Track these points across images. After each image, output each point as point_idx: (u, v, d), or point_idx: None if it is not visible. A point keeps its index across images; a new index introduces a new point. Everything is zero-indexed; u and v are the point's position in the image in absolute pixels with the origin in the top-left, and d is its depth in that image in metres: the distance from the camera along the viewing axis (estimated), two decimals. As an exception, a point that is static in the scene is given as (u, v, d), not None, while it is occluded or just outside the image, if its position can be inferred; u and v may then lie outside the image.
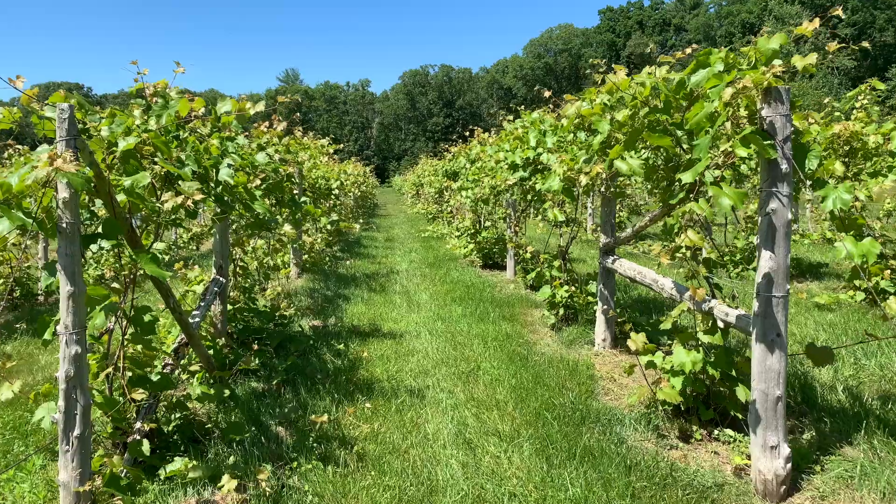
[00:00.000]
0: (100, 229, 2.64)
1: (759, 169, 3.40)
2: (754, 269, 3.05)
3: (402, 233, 16.81)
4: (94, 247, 2.61)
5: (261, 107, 3.56)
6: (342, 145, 9.30)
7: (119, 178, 2.66)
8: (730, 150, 2.72)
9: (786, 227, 2.76)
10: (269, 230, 3.88)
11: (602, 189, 4.94)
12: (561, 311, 5.64)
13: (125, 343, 3.05)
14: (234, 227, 5.19)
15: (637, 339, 3.60)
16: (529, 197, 6.79)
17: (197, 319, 4.29)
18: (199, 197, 2.77)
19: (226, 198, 3.68)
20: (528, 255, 7.71)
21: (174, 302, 3.70)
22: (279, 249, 6.66)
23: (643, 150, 3.89)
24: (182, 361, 4.18)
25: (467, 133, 10.45)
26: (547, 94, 5.00)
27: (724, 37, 72.31)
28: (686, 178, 2.76)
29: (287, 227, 4.07)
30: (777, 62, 2.83)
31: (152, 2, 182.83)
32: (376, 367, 4.75)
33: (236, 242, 5.25)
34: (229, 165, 3.66)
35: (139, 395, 3.05)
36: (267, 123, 5.15)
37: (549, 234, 7.80)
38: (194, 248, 13.51)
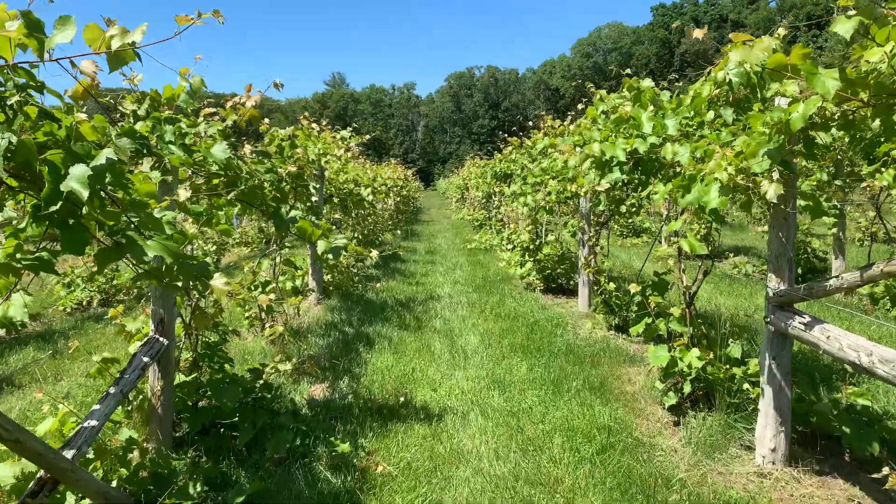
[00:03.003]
0: None
1: None
2: None
3: (445, 243, 14.95)
4: None
5: (138, 36, 1.73)
6: (367, 137, 7.50)
7: None
8: None
9: None
10: (182, 290, 2.10)
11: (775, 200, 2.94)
12: (687, 389, 3.65)
13: None
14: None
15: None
16: (624, 208, 4.82)
17: (93, 423, 2.51)
18: None
19: (105, 224, 1.87)
20: (612, 287, 5.72)
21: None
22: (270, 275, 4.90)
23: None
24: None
25: (530, 123, 8.49)
26: (699, 33, 3.02)
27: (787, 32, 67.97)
28: None
29: (218, 281, 2.22)
30: None
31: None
32: (397, 497, 2.87)
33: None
34: (109, 160, 1.86)
35: None
36: (236, 99, 3.34)
37: (647, 255, 5.78)
38: (214, 258, 11.94)
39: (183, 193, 2.43)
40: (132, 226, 1.88)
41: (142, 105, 3.10)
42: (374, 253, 3.60)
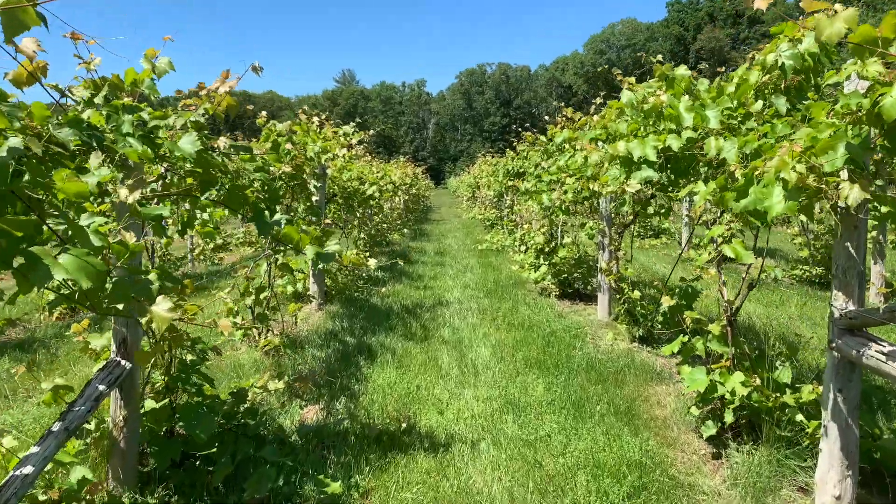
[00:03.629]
0: None
1: None
2: None
3: (455, 243, 14.50)
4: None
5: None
6: (371, 132, 7.06)
7: None
8: None
9: None
10: (126, 313, 1.64)
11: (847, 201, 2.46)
12: (728, 418, 3.18)
13: None
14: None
15: None
16: (651, 209, 4.36)
17: (27, 470, 2.11)
18: None
19: None
20: (637, 296, 5.25)
21: None
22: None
23: None
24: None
25: (546, 117, 8.00)
26: (763, 3, 2.55)
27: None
28: None
29: (161, 306, 1.77)
30: None
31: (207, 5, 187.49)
32: (395, 553, 2.44)
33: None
34: (15, 152, 1.44)
35: None
36: (210, 86, 2.91)
37: (675, 261, 5.31)
38: (217, 261, 11.58)
39: (124, 193, 2.00)
40: (44, 237, 1.45)
41: (99, 92, 2.69)
42: (372, 262, 3.16)
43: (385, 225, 13.81)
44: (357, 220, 10.49)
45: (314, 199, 7.01)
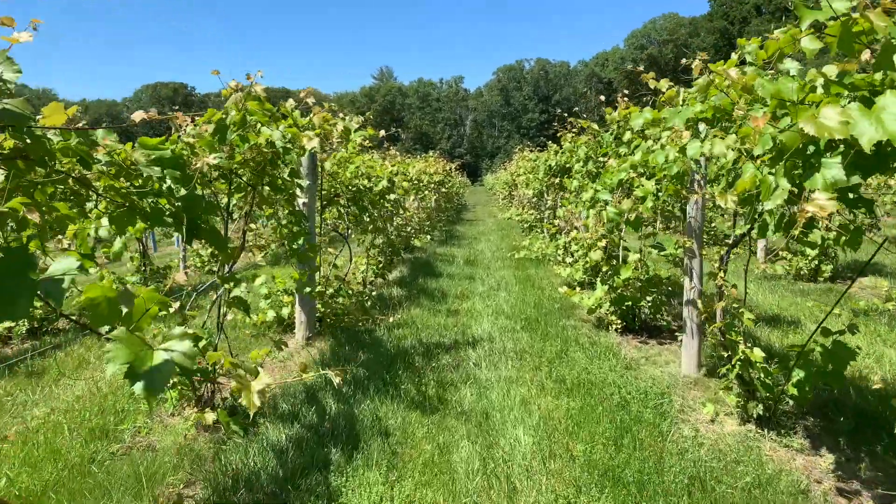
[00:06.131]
0: None
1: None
2: None
3: (488, 249, 12.73)
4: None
5: None
6: (382, 133, 5.35)
7: None
8: None
9: None
10: None
11: None
12: None
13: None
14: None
15: None
16: (817, 235, 2.53)
17: None
18: None
19: None
20: (760, 358, 3.41)
21: None
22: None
23: None
24: None
25: (601, 98, 6.15)
26: None
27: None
28: None
29: None
30: None
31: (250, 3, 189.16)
32: None
33: None
34: None
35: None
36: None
37: (835, 302, 3.47)
38: (214, 268, 10.05)
39: None
40: None
41: None
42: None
43: (409, 228, 12.11)
44: (370, 225, 8.82)
45: (300, 201, 5.35)
